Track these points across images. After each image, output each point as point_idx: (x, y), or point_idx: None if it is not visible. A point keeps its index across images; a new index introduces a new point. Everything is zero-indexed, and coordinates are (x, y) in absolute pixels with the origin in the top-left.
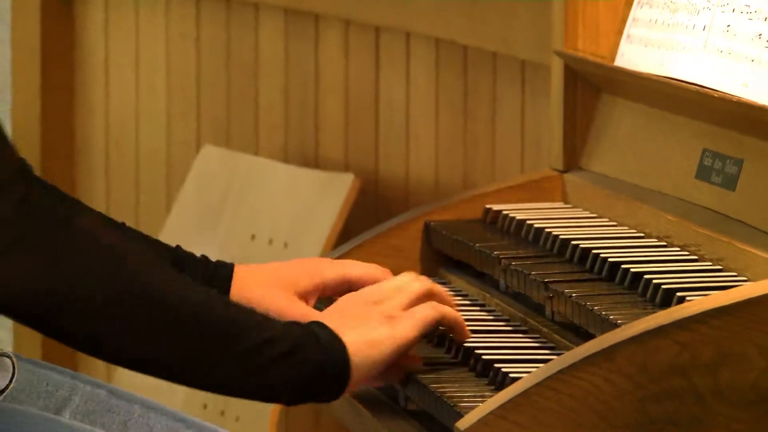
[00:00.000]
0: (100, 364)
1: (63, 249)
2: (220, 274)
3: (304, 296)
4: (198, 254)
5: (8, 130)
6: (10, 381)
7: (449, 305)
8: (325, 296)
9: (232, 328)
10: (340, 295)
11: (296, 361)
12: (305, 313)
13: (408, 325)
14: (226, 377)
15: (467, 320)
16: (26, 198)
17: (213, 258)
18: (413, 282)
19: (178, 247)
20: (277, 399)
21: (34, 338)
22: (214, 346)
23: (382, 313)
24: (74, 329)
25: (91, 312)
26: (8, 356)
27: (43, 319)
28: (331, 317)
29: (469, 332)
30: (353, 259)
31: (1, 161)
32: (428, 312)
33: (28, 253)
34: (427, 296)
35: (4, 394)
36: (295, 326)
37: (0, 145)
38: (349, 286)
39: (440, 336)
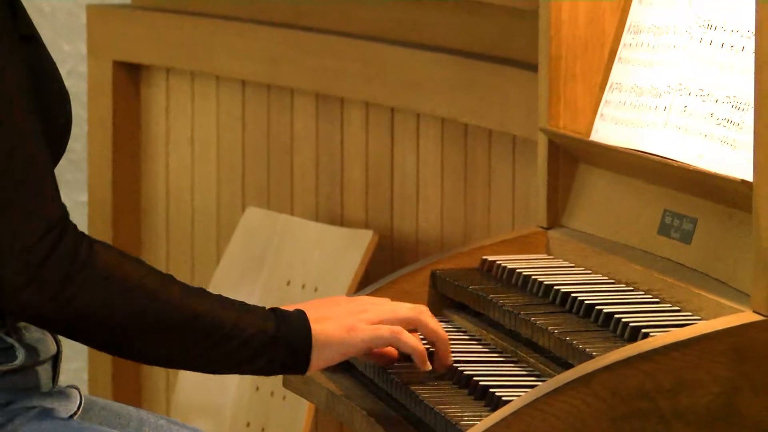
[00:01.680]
0: (161, 400)
1: (90, 280)
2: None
3: None
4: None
5: (85, 195)
6: (78, 407)
7: (434, 336)
8: None
9: (222, 331)
10: None
11: (268, 356)
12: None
13: (360, 337)
14: (218, 367)
15: (467, 352)
16: (75, 247)
17: (256, 299)
18: (401, 309)
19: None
20: (255, 374)
21: (105, 373)
22: (206, 349)
23: (353, 322)
24: (101, 339)
25: (117, 329)
26: (75, 388)
27: (76, 332)
28: (315, 310)
29: (429, 365)
30: None
31: (51, 210)
32: (383, 332)
33: (70, 283)
34: (407, 323)
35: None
36: (271, 325)
37: (53, 192)
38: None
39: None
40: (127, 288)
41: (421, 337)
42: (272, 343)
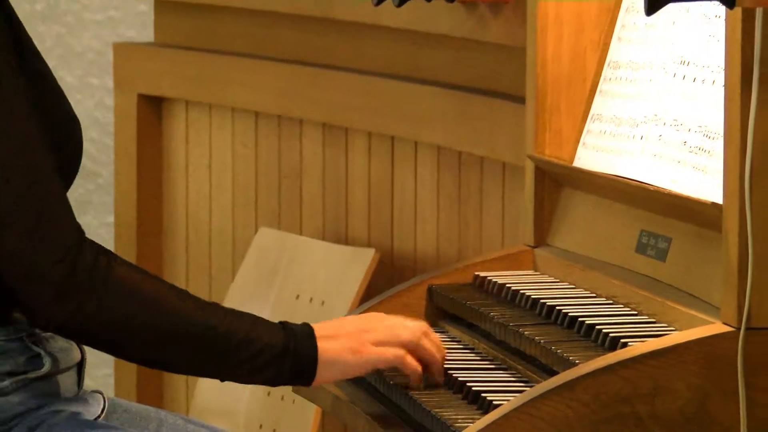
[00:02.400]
0: (182, 403)
1: (108, 294)
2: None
3: None
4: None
5: (112, 217)
6: (102, 410)
7: (430, 359)
8: None
9: (233, 343)
10: None
11: (275, 369)
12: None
13: (365, 359)
14: (230, 376)
15: (461, 360)
16: (94, 262)
17: (268, 312)
18: (403, 333)
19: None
20: (264, 384)
21: (130, 379)
22: (218, 359)
23: (359, 344)
24: (121, 349)
25: (135, 339)
26: (99, 392)
27: (98, 343)
28: (327, 329)
29: (422, 384)
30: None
31: (68, 230)
32: (388, 356)
33: (90, 298)
34: (408, 346)
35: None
36: (280, 338)
37: (67, 218)
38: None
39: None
40: (145, 302)
41: None
42: (281, 356)
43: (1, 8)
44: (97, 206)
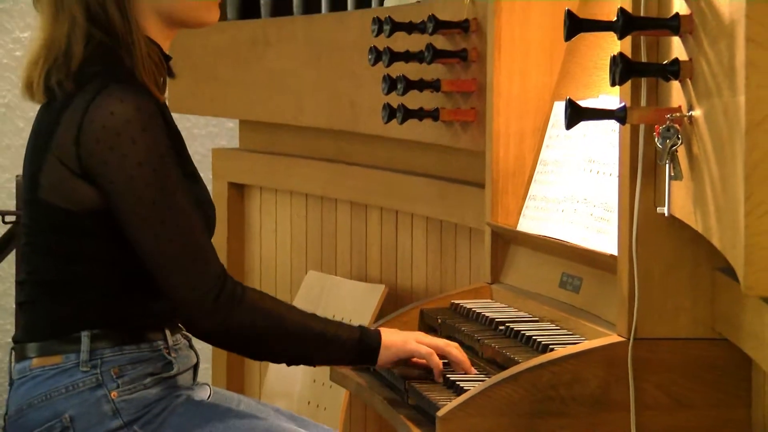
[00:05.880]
0: (256, 388)
1: (243, 312)
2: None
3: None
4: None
5: None
6: (209, 396)
7: (457, 359)
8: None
9: (326, 339)
10: None
11: (354, 353)
12: (387, 331)
13: (409, 347)
14: (323, 361)
15: (442, 360)
16: (233, 290)
17: None
18: (438, 341)
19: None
20: (345, 364)
21: (221, 370)
22: (317, 350)
23: (407, 338)
24: (249, 349)
25: (263, 339)
26: (207, 384)
27: (233, 345)
28: (393, 331)
29: (466, 368)
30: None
31: (214, 269)
32: (422, 350)
33: (230, 314)
34: (438, 350)
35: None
36: (357, 335)
37: (215, 260)
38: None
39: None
40: (267, 314)
41: (445, 361)
42: (357, 345)
43: (165, 122)
44: None
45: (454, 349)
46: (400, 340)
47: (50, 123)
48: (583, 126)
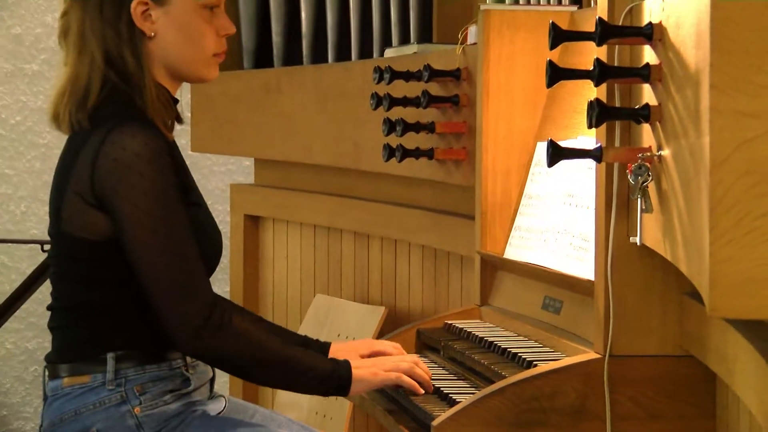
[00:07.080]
0: (269, 399)
1: (228, 337)
2: (324, 346)
3: (361, 355)
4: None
5: (228, 287)
6: (224, 408)
7: (420, 376)
8: (368, 356)
9: (302, 369)
10: (376, 356)
11: (327, 385)
12: (357, 364)
13: (379, 379)
14: (298, 389)
15: (436, 374)
16: (220, 318)
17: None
18: (404, 362)
19: (305, 336)
20: (319, 394)
21: (238, 383)
22: (293, 378)
23: (376, 370)
24: (234, 370)
25: (242, 365)
26: (223, 396)
27: (221, 367)
28: (362, 362)
29: (421, 389)
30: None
31: (205, 297)
32: (393, 378)
33: (217, 338)
34: (407, 371)
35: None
36: (330, 367)
37: (205, 287)
38: (380, 352)
39: (435, 388)
40: (249, 342)
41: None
42: (330, 378)
43: (173, 157)
44: (219, 281)
45: (416, 368)
46: (368, 373)
47: (71, 160)
48: (563, 164)
